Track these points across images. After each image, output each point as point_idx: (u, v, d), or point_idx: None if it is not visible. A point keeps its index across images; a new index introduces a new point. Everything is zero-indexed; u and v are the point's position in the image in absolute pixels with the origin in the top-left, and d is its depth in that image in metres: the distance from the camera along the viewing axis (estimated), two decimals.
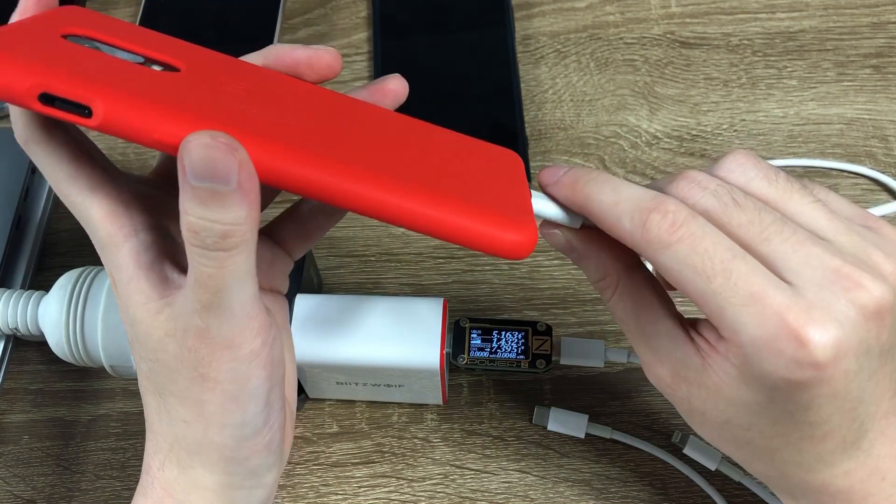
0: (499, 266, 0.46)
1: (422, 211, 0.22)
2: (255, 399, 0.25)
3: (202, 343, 0.24)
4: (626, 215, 0.25)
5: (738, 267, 0.24)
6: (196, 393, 0.25)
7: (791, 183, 0.27)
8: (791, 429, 0.25)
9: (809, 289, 0.24)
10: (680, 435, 0.39)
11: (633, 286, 0.28)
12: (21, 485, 0.41)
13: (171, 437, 0.27)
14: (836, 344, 0.23)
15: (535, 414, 0.41)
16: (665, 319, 0.28)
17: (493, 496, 0.40)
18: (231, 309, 0.23)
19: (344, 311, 0.38)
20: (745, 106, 0.50)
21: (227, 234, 0.21)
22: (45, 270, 0.47)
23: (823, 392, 0.24)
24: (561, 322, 0.44)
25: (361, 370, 0.38)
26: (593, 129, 0.50)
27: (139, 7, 0.55)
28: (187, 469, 0.27)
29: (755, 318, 0.24)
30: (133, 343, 0.26)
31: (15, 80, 0.19)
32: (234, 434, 0.26)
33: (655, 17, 0.54)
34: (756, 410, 0.26)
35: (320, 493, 0.40)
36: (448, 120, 0.29)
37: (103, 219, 0.25)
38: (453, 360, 0.38)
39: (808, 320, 0.23)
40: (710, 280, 0.24)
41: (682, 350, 0.27)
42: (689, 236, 0.24)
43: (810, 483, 0.27)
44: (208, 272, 0.22)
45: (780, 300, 0.23)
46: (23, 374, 0.44)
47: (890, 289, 0.24)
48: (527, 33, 0.54)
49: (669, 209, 0.25)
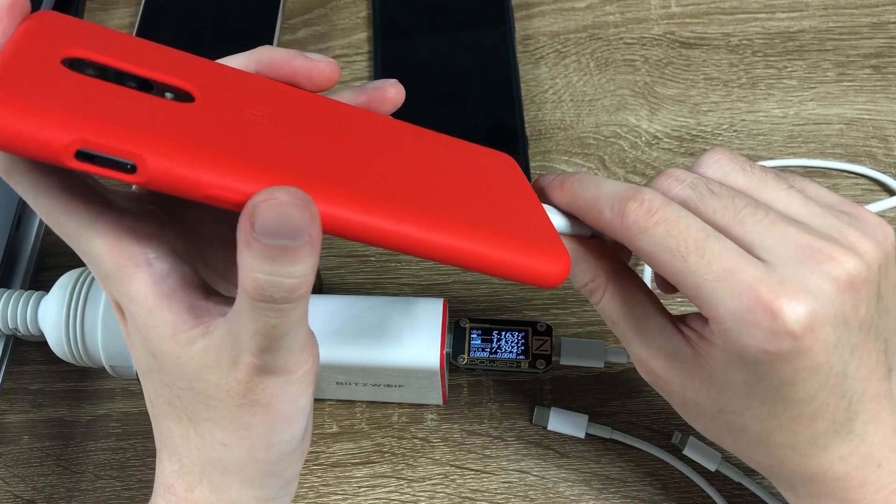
0: None
1: (468, 250, 0.23)
2: (303, 415, 0.26)
3: (255, 375, 0.23)
4: (607, 206, 0.27)
5: (712, 245, 0.25)
6: (244, 417, 0.25)
7: (766, 172, 0.28)
8: (781, 408, 0.26)
9: (783, 264, 0.25)
10: (680, 436, 0.39)
11: (622, 285, 0.29)
12: (21, 485, 0.41)
13: (204, 460, 0.26)
14: (809, 313, 0.24)
15: (535, 414, 0.41)
16: (655, 314, 0.29)
17: (493, 496, 0.40)
18: (290, 348, 0.23)
19: (344, 311, 0.38)
20: (745, 106, 0.50)
21: (295, 288, 0.21)
22: (45, 270, 0.47)
23: (804, 364, 0.25)
24: (561, 322, 0.44)
25: (361, 370, 0.38)
26: (593, 129, 0.50)
27: (139, 7, 0.55)
28: (221, 489, 0.26)
29: (730, 292, 0.25)
30: (154, 372, 0.25)
31: (50, 138, 0.16)
32: (280, 451, 0.26)
33: (655, 17, 0.54)
34: (746, 392, 0.26)
35: (320, 493, 0.40)
36: (448, 120, 0.29)
37: (110, 251, 0.23)
38: (453, 360, 0.38)
39: (781, 292, 0.24)
40: (686, 259, 0.25)
41: (674, 342, 0.28)
42: (664, 220, 0.26)
43: (807, 469, 0.27)
44: (273, 323, 0.22)
45: (752, 273, 0.25)
46: (23, 374, 0.44)
47: (864, 264, 0.25)
48: (527, 33, 0.54)
49: (645, 197, 0.26)
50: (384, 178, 0.24)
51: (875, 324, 0.26)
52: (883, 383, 0.27)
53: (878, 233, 0.27)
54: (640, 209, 0.26)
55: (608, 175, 0.48)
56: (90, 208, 0.23)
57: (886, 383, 0.27)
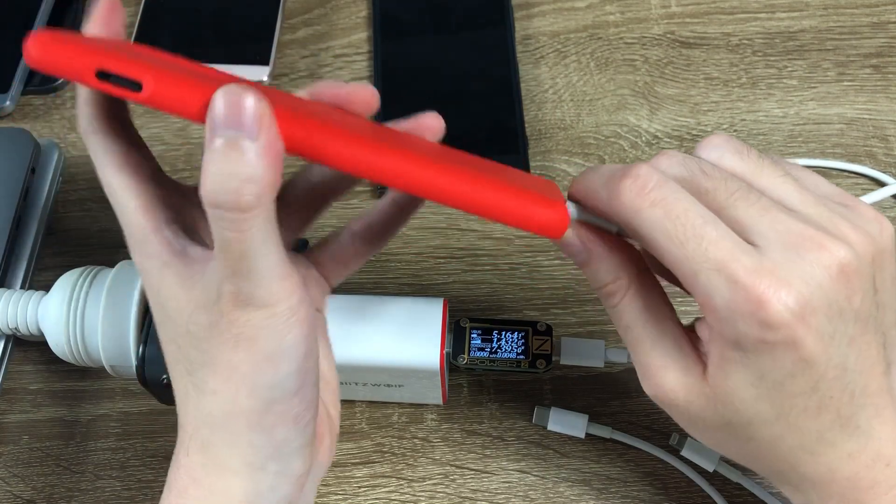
0: (499, 266, 0.46)
1: (461, 184, 0.24)
2: (288, 358, 0.25)
3: (236, 305, 0.24)
4: (603, 187, 0.27)
5: (709, 232, 0.25)
6: (228, 354, 0.25)
7: (762, 159, 0.27)
8: (787, 405, 0.26)
9: (775, 250, 0.25)
10: (677, 437, 0.39)
11: (644, 290, 0.28)
12: (21, 485, 0.41)
13: (198, 417, 0.26)
14: (800, 301, 0.24)
15: (535, 414, 0.41)
16: (672, 325, 0.28)
17: (493, 496, 0.40)
18: (259, 272, 0.23)
19: (344, 311, 0.38)
20: (745, 106, 0.50)
21: (242, 192, 0.21)
22: (45, 270, 0.47)
23: (802, 354, 0.25)
24: (561, 322, 0.44)
25: (361, 370, 0.38)
26: (593, 129, 0.50)
27: (139, 7, 0.55)
28: (210, 449, 0.26)
29: (724, 283, 0.24)
30: (163, 324, 0.26)
31: (76, 60, 0.22)
32: (264, 395, 0.25)
33: (655, 17, 0.54)
34: (752, 396, 0.26)
35: (320, 493, 0.40)
36: (448, 120, 0.29)
37: (137, 210, 0.25)
38: (453, 360, 0.38)
39: (773, 281, 0.24)
40: (683, 245, 0.25)
41: (686, 356, 0.28)
42: (661, 200, 0.25)
43: (817, 470, 0.27)
44: (229, 237, 0.22)
45: (746, 263, 0.24)
46: (23, 374, 0.44)
47: (854, 253, 0.25)
48: (527, 33, 0.54)
49: (640, 173, 0.26)
50: (391, 138, 0.25)
51: (873, 316, 0.26)
52: (884, 378, 0.27)
53: (873, 226, 0.26)
54: (634, 186, 0.25)
55: None
56: (137, 173, 0.25)
57: (887, 378, 0.27)
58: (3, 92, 0.51)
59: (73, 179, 0.50)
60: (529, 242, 0.46)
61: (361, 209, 0.48)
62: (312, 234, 0.33)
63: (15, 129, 0.48)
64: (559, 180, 0.48)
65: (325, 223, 0.47)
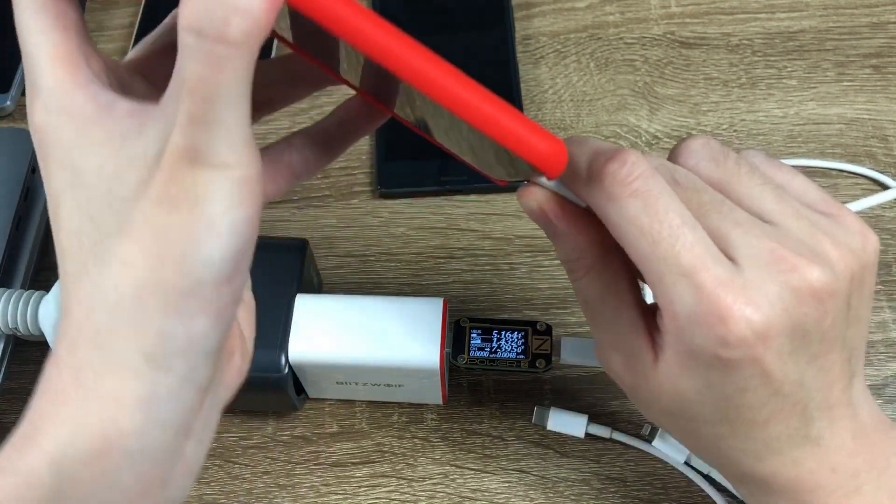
0: (499, 266, 0.46)
1: (465, 87, 0.22)
2: (234, 234, 0.20)
3: (184, 160, 0.19)
4: (585, 160, 0.25)
5: (685, 235, 0.24)
6: (159, 217, 0.20)
7: (740, 165, 0.26)
8: (733, 414, 0.25)
9: (749, 267, 0.24)
10: (649, 428, 0.40)
11: (607, 271, 0.27)
12: None
13: (94, 298, 0.21)
14: (763, 322, 0.23)
15: (534, 414, 0.41)
16: (630, 308, 0.27)
17: (493, 496, 0.40)
18: (225, 124, 0.19)
19: (344, 311, 0.38)
20: (745, 106, 0.50)
21: (230, 21, 0.18)
22: (45, 270, 0.47)
23: (756, 372, 0.24)
24: (561, 322, 0.44)
25: (361, 370, 0.38)
26: (593, 129, 0.50)
27: (139, 7, 0.55)
28: (104, 339, 0.21)
29: (690, 291, 0.24)
30: (69, 192, 0.22)
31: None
32: (194, 272, 0.20)
33: (655, 17, 0.54)
34: (698, 400, 0.26)
35: (320, 493, 0.40)
36: None
37: (57, 60, 0.22)
38: (453, 360, 0.38)
39: (738, 298, 0.23)
40: (656, 244, 0.24)
41: (639, 343, 0.27)
42: (644, 192, 0.24)
43: (759, 472, 0.27)
44: (200, 74, 0.18)
45: (716, 275, 0.23)
46: (23, 374, 0.44)
47: (832, 274, 0.24)
48: (527, 33, 0.54)
49: (629, 159, 0.24)
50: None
51: (841, 334, 0.25)
52: (845, 392, 0.26)
53: (856, 240, 0.25)
54: (620, 171, 0.24)
55: None
56: (61, 19, 0.22)
57: (848, 391, 0.26)
58: (4, 92, 0.51)
59: None
60: (529, 242, 0.46)
61: (350, 178, 0.48)
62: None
63: (15, 129, 0.48)
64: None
65: (325, 223, 0.47)
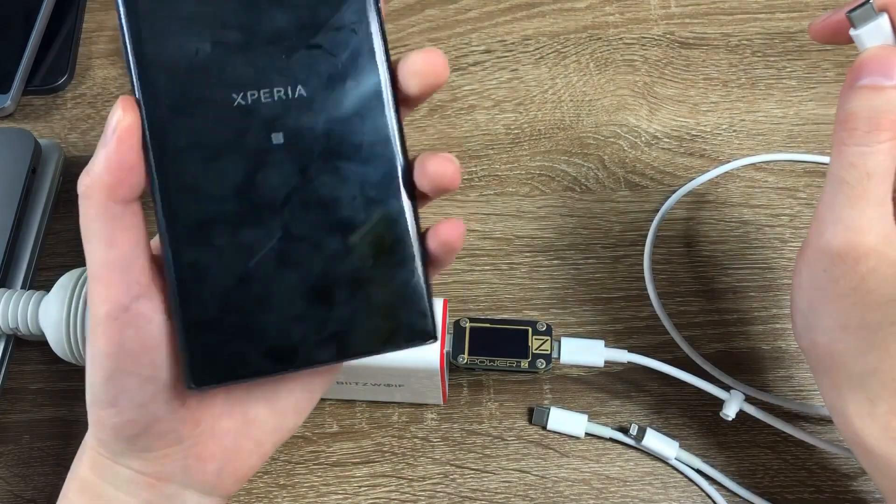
0: (499, 266, 0.46)
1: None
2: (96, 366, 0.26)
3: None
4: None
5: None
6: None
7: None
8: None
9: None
10: (637, 428, 0.40)
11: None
12: (21, 484, 0.41)
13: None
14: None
15: (534, 414, 0.41)
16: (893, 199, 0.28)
17: (492, 496, 0.40)
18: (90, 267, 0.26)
19: None
20: (745, 106, 0.50)
21: (81, 179, 0.25)
22: (45, 270, 0.47)
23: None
24: (561, 322, 0.44)
25: (361, 370, 0.38)
26: (593, 130, 0.50)
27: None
28: (90, 411, 0.28)
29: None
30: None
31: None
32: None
33: (655, 18, 0.54)
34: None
35: (320, 493, 0.40)
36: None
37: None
38: (453, 359, 0.38)
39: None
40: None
41: (893, 224, 0.27)
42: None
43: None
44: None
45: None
46: (23, 374, 0.44)
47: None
48: (527, 33, 0.54)
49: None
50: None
51: None
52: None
53: None
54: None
55: (608, 176, 0.48)
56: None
57: None
58: (4, 92, 0.51)
59: (74, 179, 0.50)
60: (529, 242, 0.46)
61: None
62: None
63: (15, 129, 0.48)
64: (559, 180, 0.48)
65: None
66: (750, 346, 0.43)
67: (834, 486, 0.39)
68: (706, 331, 0.43)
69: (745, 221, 0.46)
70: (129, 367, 0.26)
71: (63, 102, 0.53)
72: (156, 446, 0.27)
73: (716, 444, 0.40)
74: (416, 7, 0.55)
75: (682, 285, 0.45)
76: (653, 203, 0.47)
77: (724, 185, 0.47)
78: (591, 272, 0.45)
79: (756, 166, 0.48)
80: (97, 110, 0.52)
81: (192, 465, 0.28)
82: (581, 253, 0.46)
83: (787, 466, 0.40)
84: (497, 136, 0.50)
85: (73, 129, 0.51)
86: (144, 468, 0.28)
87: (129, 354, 0.25)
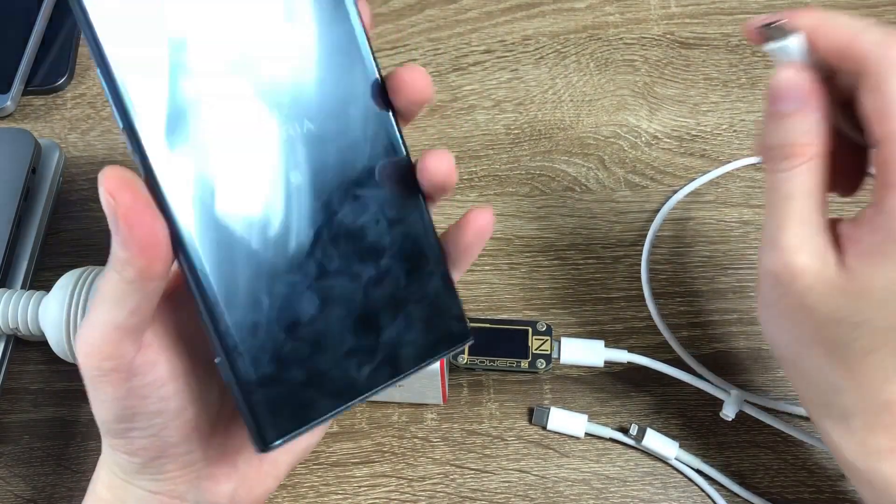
0: (499, 266, 0.46)
1: None
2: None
3: None
4: (869, 35, 0.27)
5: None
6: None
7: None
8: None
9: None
10: (637, 428, 0.40)
11: (821, 167, 0.28)
12: (22, 484, 0.41)
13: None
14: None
15: (534, 414, 0.41)
16: (823, 213, 0.28)
17: (492, 496, 0.40)
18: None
19: None
20: (745, 106, 0.50)
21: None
22: (45, 270, 0.47)
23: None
24: (561, 322, 0.44)
25: None
26: (593, 130, 0.50)
27: None
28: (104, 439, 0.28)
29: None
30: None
31: None
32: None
33: (655, 18, 0.54)
34: (881, 298, 0.26)
35: (320, 493, 0.40)
36: None
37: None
38: (453, 360, 0.38)
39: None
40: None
41: (828, 246, 0.27)
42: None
43: (882, 396, 0.27)
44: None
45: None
46: (23, 374, 0.44)
47: None
48: (527, 33, 0.54)
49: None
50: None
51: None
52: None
53: None
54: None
55: (608, 176, 0.48)
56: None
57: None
58: (4, 92, 0.51)
59: (74, 179, 0.50)
60: (529, 242, 0.46)
61: None
62: None
63: (15, 129, 0.48)
64: (559, 180, 0.48)
65: None
66: (750, 346, 0.43)
67: (834, 487, 0.39)
68: (706, 330, 0.43)
69: (745, 221, 0.46)
70: (139, 406, 0.26)
71: (63, 102, 0.52)
72: (168, 469, 0.27)
73: (716, 445, 0.40)
74: (416, 7, 0.55)
75: (682, 285, 0.45)
76: (653, 203, 0.47)
77: (724, 185, 0.47)
78: (592, 272, 0.45)
79: (756, 166, 0.48)
80: (97, 110, 0.52)
81: (205, 486, 0.28)
82: (581, 253, 0.46)
83: (787, 466, 0.40)
84: (497, 136, 0.50)
85: (73, 129, 0.51)
86: (157, 488, 0.28)
87: (138, 396, 0.25)
